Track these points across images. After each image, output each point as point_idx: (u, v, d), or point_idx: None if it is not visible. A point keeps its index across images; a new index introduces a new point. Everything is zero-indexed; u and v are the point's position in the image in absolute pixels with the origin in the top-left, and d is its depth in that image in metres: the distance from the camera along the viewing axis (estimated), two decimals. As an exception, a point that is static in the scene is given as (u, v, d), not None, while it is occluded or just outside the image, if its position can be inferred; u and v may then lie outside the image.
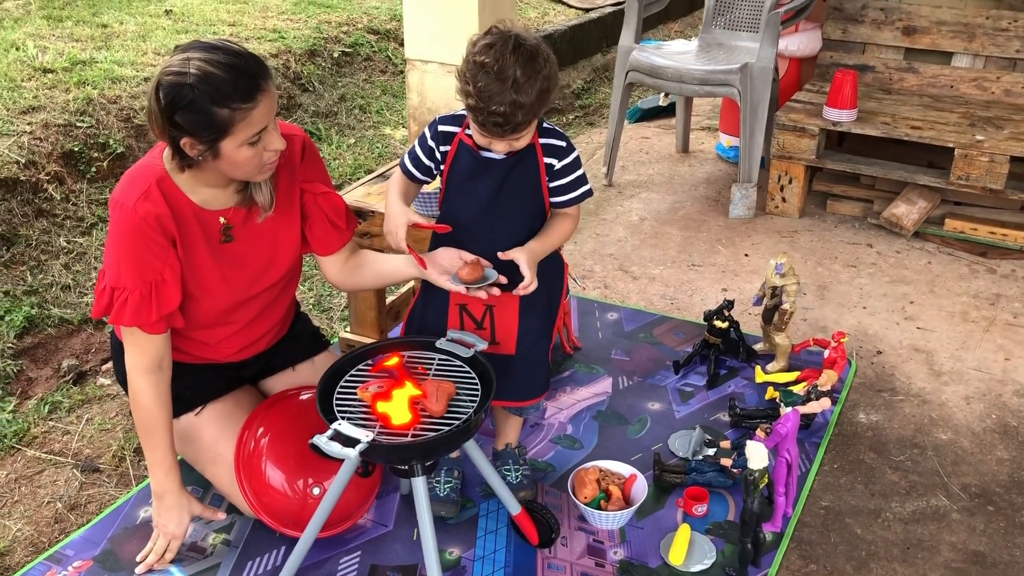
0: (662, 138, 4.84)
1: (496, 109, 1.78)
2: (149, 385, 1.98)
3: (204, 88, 1.74)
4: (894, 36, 4.00)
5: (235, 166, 1.87)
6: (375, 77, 5.36)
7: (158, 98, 1.76)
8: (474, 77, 1.79)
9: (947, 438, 2.53)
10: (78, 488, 2.38)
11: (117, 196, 1.89)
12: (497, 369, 2.01)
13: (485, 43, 1.81)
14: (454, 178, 2.03)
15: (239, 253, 2.04)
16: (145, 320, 1.92)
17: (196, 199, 1.94)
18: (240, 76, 1.77)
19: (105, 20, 5.02)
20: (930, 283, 3.33)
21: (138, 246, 1.88)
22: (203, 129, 1.78)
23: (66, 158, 3.66)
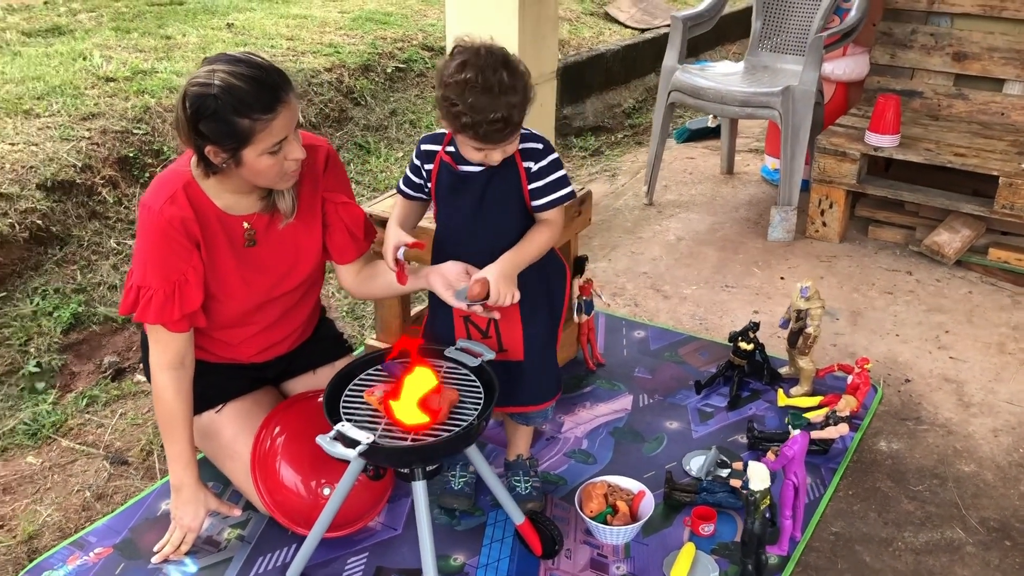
0: (708, 159, 4.83)
1: (494, 118, 1.82)
2: (171, 381, 2.06)
3: (227, 99, 1.82)
4: (944, 62, 3.94)
5: (257, 174, 1.94)
6: (427, 93, 5.45)
7: (184, 107, 1.85)
8: (462, 96, 1.82)
9: (970, 470, 2.48)
10: (106, 478, 2.47)
11: (146, 199, 1.99)
12: (506, 376, 2.07)
13: (458, 63, 1.84)
14: (440, 194, 2.09)
15: (261, 257, 2.11)
16: (168, 318, 2.00)
17: (220, 204, 2.03)
18: (262, 88, 1.85)
19: (169, 32, 5.21)
20: (968, 313, 3.27)
21: (163, 247, 1.97)
22: (225, 138, 1.86)
23: (121, 163, 3.81)
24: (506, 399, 2.08)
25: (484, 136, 1.87)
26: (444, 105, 1.87)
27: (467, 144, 1.94)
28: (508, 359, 2.13)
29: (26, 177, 3.44)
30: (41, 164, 3.52)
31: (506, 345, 2.12)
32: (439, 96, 1.88)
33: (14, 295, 3.15)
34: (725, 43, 7.54)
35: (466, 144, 1.94)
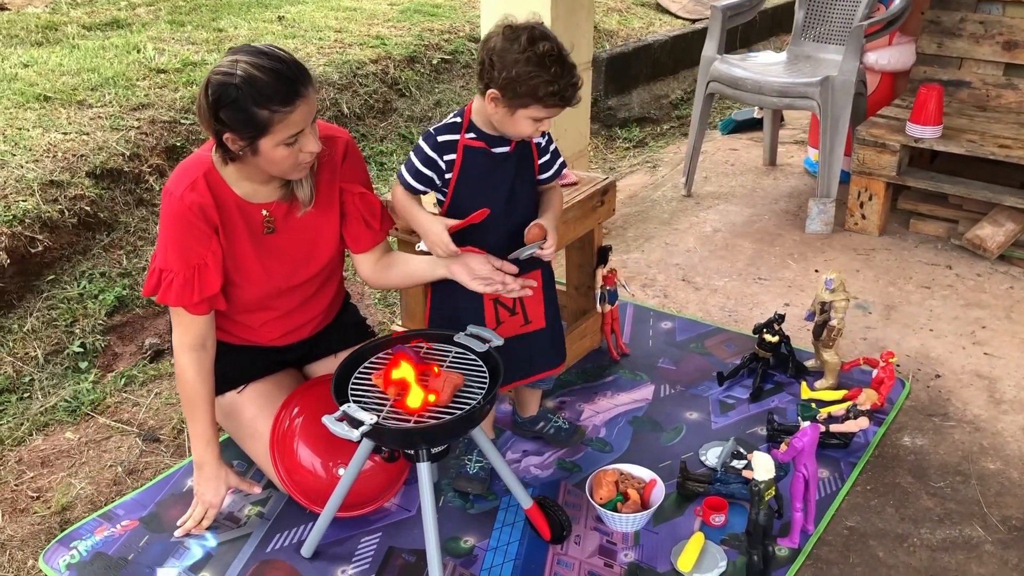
0: (751, 150, 4.78)
1: (575, 82, 1.95)
2: (192, 362, 2.14)
3: (248, 89, 1.88)
4: (993, 51, 3.84)
5: (272, 163, 2.00)
6: (472, 84, 5.49)
7: (206, 94, 1.91)
8: (544, 66, 1.90)
9: (995, 468, 2.43)
10: (138, 455, 2.57)
11: (168, 186, 2.06)
12: (531, 347, 2.21)
13: (525, 38, 1.91)
14: (466, 181, 2.11)
15: (280, 245, 2.17)
16: (188, 301, 2.07)
17: (240, 192, 2.09)
18: (282, 81, 1.90)
19: (222, 25, 5.34)
20: (1008, 308, 3.19)
21: (183, 232, 2.04)
22: (244, 127, 1.92)
23: (168, 152, 3.93)
24: (532, 368, 2.30)
25: (568, 99, 1.95)
26: (522, 80, 1.90)
27: (532, 115, 1.97)
28: (531, 330, 2.24)
29: (76, 165, 3.57)
30: (91, 153, 3.65)
31: (531, 317, 2.23)
32: (511, 75, 1.90)
33: (62, 278, 3.28)
34: (780, 33, 7.43)
35: (528, 117, 1.97)
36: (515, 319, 2.22)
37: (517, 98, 1.94)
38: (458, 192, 2.12)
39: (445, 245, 2.06)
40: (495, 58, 1.93)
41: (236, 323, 2.28)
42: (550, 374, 2.36)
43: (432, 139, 2.08)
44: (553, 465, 2.46)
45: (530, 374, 2.31)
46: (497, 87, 1.94)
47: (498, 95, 1.95)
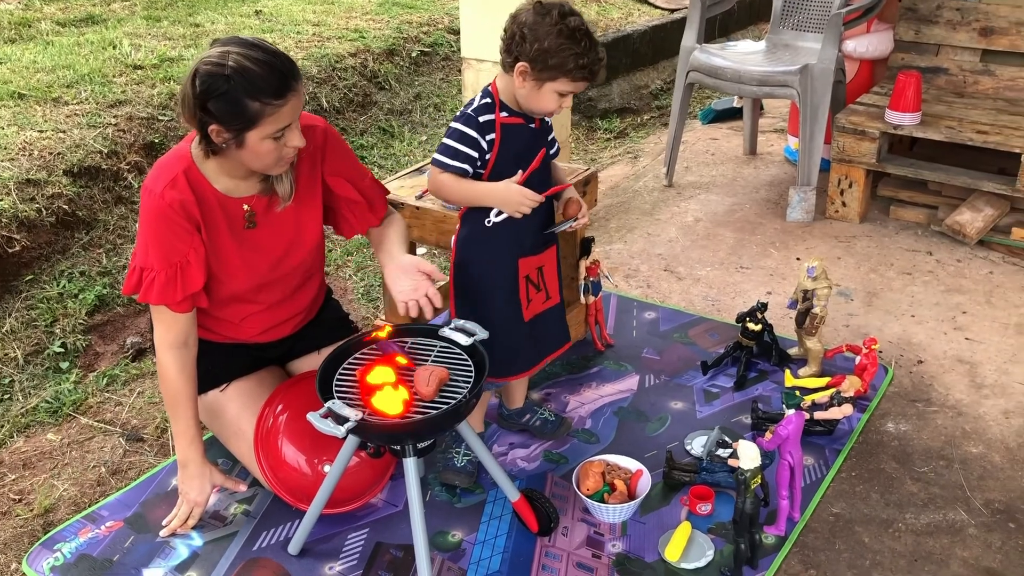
0: (731, 140, 4.79)
1: (603, 56, 2.01)
2: (174, 360, 2.12)
3: (240, 80, 1.86)
4: (970, 37, 3.86)
5: (255, 157, 1.98)
6: (452, 76, 5.47)
7: (193, 85, 1.88)
8: (575, 40, 1.95)
9: (977, 452, 2.45)
10: (122, 455, 2.55)
11: (148, 183, 2.04)
12: (547, 324, 2.30)
13: (557, 13, 1.97)
14: (507, 158, 2.12)
15: (261, 239, 2.16)
16: (171, 299, 2.06)
17: (220, 187, 2.07)
18: (274, 73, 1.89)
19: (199, 20, 5.29)
20: (988, 293, 3.21)
21: (165, 230, 2.02)
22: (233, 119, 1.90)
23: (147, 149, 3.89)
24: (556, 343, 2.38)
25: (595, 73, 2.01)
26: (552, 52, 1.95)
27: (560, 89, 2.01)
28: (551, 306, 2.31)
29: (53, 163, 3.53)
30: (68, 150, 3.61)
31: (550, 292, 2.29)
32: (543, 47, 1.94)
33: (41, 278, 3.25)
34: (759, 22, 7.44)
35: (555, 91, 2.01)
36: (540, 295, 2.28)
37: (547, 70, 1.97)
38: (496, 171, 2.12)
39: (530, 196, 2.10)
40: (526, 31, 1.97)
41: (218, 320, 2.26)
42: (564, 350, 2.42)
43: (474, 120, 2.08)
44: (540, 457, 2.46)
45: (551, 351, 2.38)
46: (527, 59, 1.97)
47: (527, 68, 1.98)
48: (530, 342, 2.29)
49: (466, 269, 2.23)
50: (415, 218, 2.56)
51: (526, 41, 1.96)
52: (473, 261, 2.22)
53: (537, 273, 2.27)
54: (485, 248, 2.19)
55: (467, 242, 2.21)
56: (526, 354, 2.30)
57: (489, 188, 2.11)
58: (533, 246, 2.23)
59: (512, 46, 2.01)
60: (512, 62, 2.01)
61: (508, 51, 2.02)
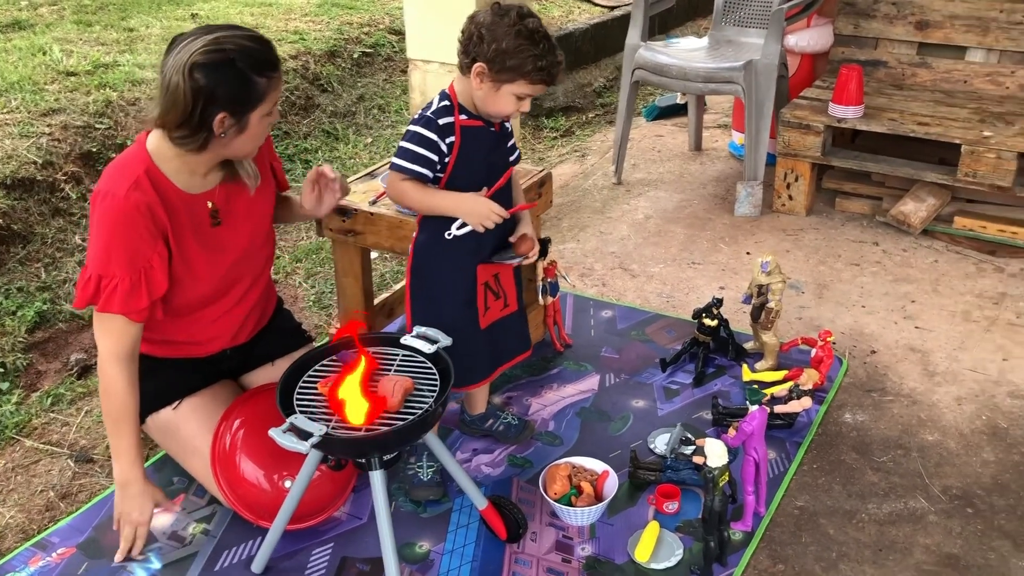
0: (676, 136, 4.82)
1: (561, 59, 1.99)
2: (122, 373, 2.03)
3: (246, 60, 1.87)
4: (907, 31, 3.94)
5: (251, 139, 1.97)
6: (395, 77, 5.42)
7: (193, 80, 1.83)
8: (534, 42, 1.93)
9: (933, 439, 2.50)
10: (71, 477, 2.46)
11: (103, 187, 1.95)
12: (505, 331, 2.29)
13: (514, 14, 1.95)
14: (467, 162, 2.08)
15: (225, 236, 2.12)
16: (134, 307, 1.97)
17: (181, 185, 2.02)
18: (266, 45, 1.93)
19: (132, 24, 5.15)
20: (934, 282, 3.28)
21: (128, 234, 1.94)
22: (242, 100, 1.88)
23: (84, 159, 3.77)
24: (515, 351, 2.35)
25: (554, 76, 1.98)
26: (510, 53, 1.92)
27: (517, 92, 1.98)
28: (508, 313, 2.28)
29: (-15, 176, 3.40)
30: None
31: (509, 300, 2.26)
32: (500, 47, 1.92)
33: (-24, 296, 3.12)
34: (697, 18, 7.51)
35: (513, 93, 1.98)
36: (498, 303, 2.24)
37: (504, 72, 1.94)
38: (455, 174, 2.08)
39: (497, 211, 2.07)
40: (484, 31, 1.94)
41: (171, 331, 2.18)
42: (524, 357, 2.40)
43: (433, 123, 2.04)
44: (504, 462, 2.44)
45: (509, 359, 2.35)
46: (485, 60, 1.94)
47: (485, 69, 1.95)
48: (488, 349, 2.26)
49: (423, 275, 2.20)
50: (370, 224, 2.51)
51: (484, 42, 1.93)
52: (431, 267, 2.19)
53: (495, 280, 2.24)
54: (444, 254, 2.15)
55: (425, 248, 2.18)
56: (483, 362, 2.28)
57: (457, 199, 2.07)
58: (494, 252, 2.20)
59: (469, 47, 1.98)
60: (469, 63, 1.98)
61: (465, 52, 1.99)
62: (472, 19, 1.99)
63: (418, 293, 2.22)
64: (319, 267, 3.55)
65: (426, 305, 2.22)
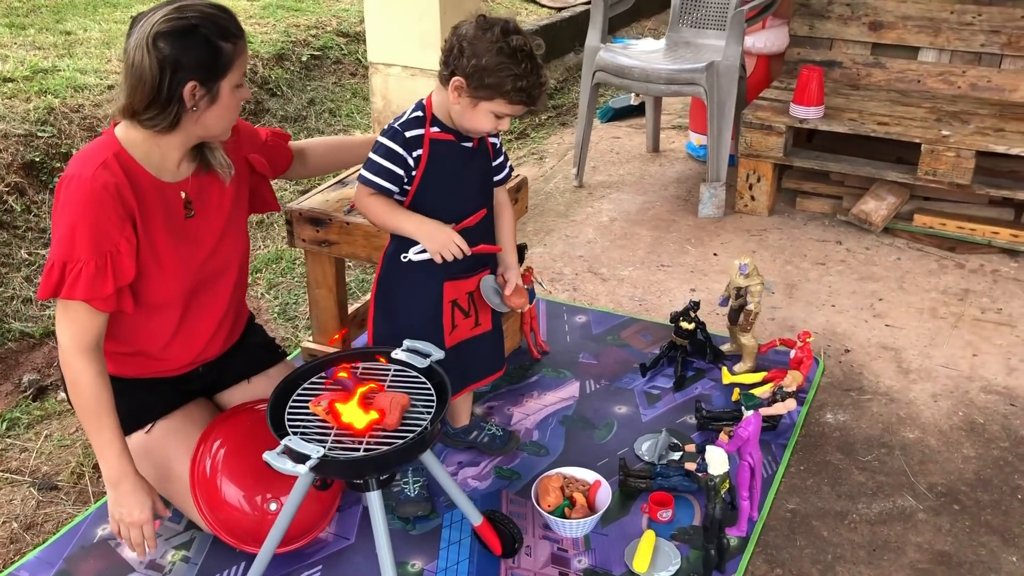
0: (633, 138, 4.82)
1: (543, 81, 1.92)
2: (90, 364, 1.90)
3: (210, 25, 1.84)
4: (860, 31, 4.00)
5: (225, 113, 1.90)
6: (345, 80, 5.32)
7: (158, 50, 1.78)
8: (515, 60, 1.86)
9: (914, 437, 2.52)
10: (35, 507, 2.34)
11: (70, 171, 1.85)
12: (476, 350, 2.20)
13: (499, 29, 1.87)
14: (434, 177, 2.01)
15: (197, 229, 2.03)
16: (99, 293, 1.85)
17: (153, 172, 1.93)
18: (228, 13, 1.90)
19: (69, 27, 4.96)
20: (899, 279, 3.32)
21: (95, 215, 1.83)
22: (210, 67, 1.84)
23: (27, 169, 3.61)
24: (479, 372, 2.28)
25: (535, 98, 1.91)
26: (490, 70, 1.85)
27: (495, 110, 1.92)
28: (479, 332, 2.21)
29: (-77, 189, 3.23)
30: (-62, 174, 3.31)
31: (480, 319, 2.19)
32: (480, 64, 1.85)
33: (-82, 316, 2.96)
34: (641, 19, 7.54)
35: (491, 111, 1.92)
36: (468, 321, 2.17)
37: (482, 88, 1.87)
38: (422, 189, 2.01)
39: (460, 244, 2.00)
40: (465, 44, 1.87)
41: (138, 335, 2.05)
42: (494, 377, 2.33)
43: (399, 135, 1.97)
44: (491, 474, 2.38)
45: (477, 379, 2.29)
46: (463, 75, 1.88)
47: (463, 84, 1.89)
48: (454, 367, 2.13)
49: (388, 287, 2.14)
50: (345, 233, 2.44)
51: (464, 55, 1.87)
52: (396, 279, 2.13)
53: (467, 298, 2.16)
54: (409, 267, 2.08)
55: (393, 259, 2.12)
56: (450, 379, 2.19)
57: (418, 223, 2.01)
58: (463, 269, 2.11)
59: (450, 59, 1.91)
60: (448, 76, 1.92)
61: (445, 64, 1.93)
62: (455, 30, 1.92)
63: (380, 306, 2.17)
64: (280, 277, 3.45)
65: (388, 317, 2.16)
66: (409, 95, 3.87)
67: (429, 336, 2.02)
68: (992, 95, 3.83)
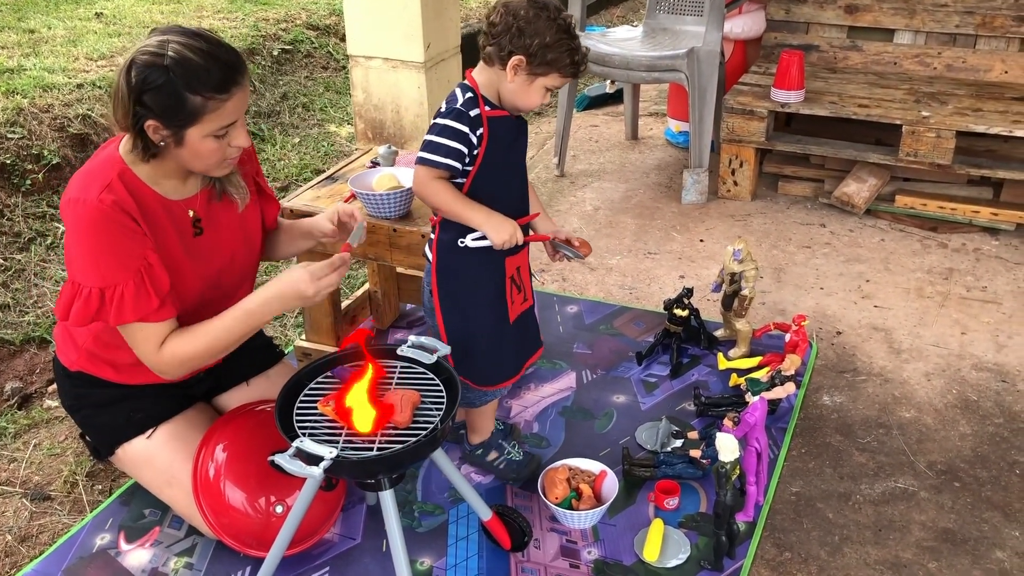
0: (611, 125, 4.81)
1: (587, 51, 2.00)
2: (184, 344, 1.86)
3: (180, 71, 1.70)
4: (837, 15, 4.01)
5: (196, 156, 1.81)
6: (317, 74, 5.25)
7: (128, 77, 1.71)
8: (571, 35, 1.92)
9: (911, 416, 2.54)
10: (28, 518, 2.28)
11: (72, 194, 1.79)
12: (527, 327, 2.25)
13: (554, 7, 1.92)
14: (496, 153, 2.01)
15: (206, 247, 1.97)
16: (147, 308, 1.81)
17: (160, 191, 1.87)
18: (217, 65, 1.74)
19: (32, 25, 4.84)
20: (884, 260, 3.35)
21: (113, 236, 1.78)
22: (172, 113, 1.73)
23: (-2, 171, 3.52)
24: (534, 345, 2.29)
25: (581, 72, 2.00)
26: (552, 47, 1.89)
27: (549, 84, 1.96)
28: (527, 307, 2.23)
29: None
30: (-93, 179, 3.21)
31: (527, 295, 2.22)
32: (544, 41, 1.89)
33: None
34: (610, 7, 7.53)
35: (545, 85, 1.96)
36: (520, 296, 2.19)
37: (543, 65, 1.91)
38: (484, 167, 1.99)
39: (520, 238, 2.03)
40: (524, 24, 1.89)
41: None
42: (539, 353, 2.33)
43: (464, 115, 1.95)
44: (494, 469, 2.37)
45: (530, 353, 2.29)
46: (525, 53, 1.89)
47: (522, 62, 1.90)
48: (515, 345, 2.20)
49: (451, 275, 2.10)
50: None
51: (524, 35, 1.88)
52: (456, 265, 2.10)
53: (518, 273, 2.18)
54: (467, 251, 2.06)
55: (449, 246, 2.08)
56: (511, 358, 2.21)
57: (487, 215, 2.00)
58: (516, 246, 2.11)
59: (505, 40, 1.90)
60: (505, 56, 1.91)
61: (499, 45, 1.91)
62: (509, 11, 1.91)
63: (447, 295, 2.12)
64: (263, 275, 3.40)
65: (458, 306, 2.12)
66: (391, 88, 3.82)
67: (498, 314, 2.12)
68: (968, 75, 3.87)
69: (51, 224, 3.53)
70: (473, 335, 2.12)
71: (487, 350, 2.11)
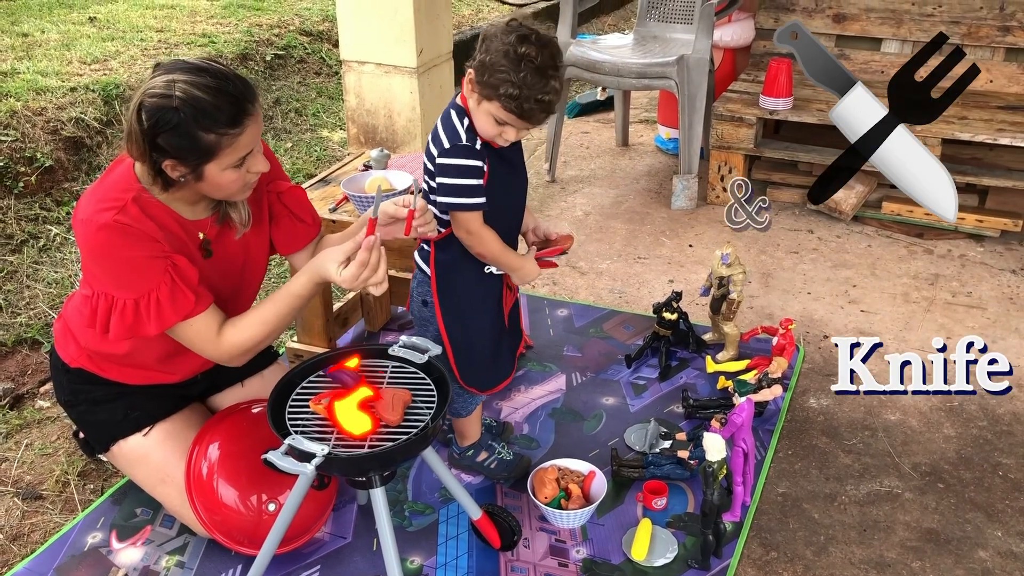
0: (601, 132, 4.85)
1: (540, 98, 1.84)
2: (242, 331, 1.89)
3: (190, 112, 1.69)
4: (825, 24, 4.06)
5: (218, 188, 1.82)
6: (309, 79, 5.28)
7: (140, 119, 1.70)
8: (516, 67, 1.81)
9: (896, 419, 2.58)
10: (20, 517, 2.29)
11: (86, 214, 1.79)
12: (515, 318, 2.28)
13: (517, 35, 1.83)
14: (497, 179, 1.99)
15: (217, 269, 1.98)
16: (185, 304, 1.82)
17: (176, 210, 1.88)
18: (227, 100, 1.72)
19: (25, 29, 4.85)
20: (871, 266, 3.39)
21: (132, 247, 1.78)
22: (188, 153, 1.73)
23: (-9, 174, 3.53)
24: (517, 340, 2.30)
25: (525, 113, 1.85)
26: (491, 69, 1.82)
27: (493, 116, 1.88)
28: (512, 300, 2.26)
29: None
30: (-100, 181, 3.22)
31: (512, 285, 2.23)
32: (486, 60, 1.83)
33: None
34: (600, 15, 7.58)
35: (491, 116, 1.88)
36: (510, 293, 2.22)
37: (482, 85, 1.86)
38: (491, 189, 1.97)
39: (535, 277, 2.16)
40: (485, 38, 1.88)
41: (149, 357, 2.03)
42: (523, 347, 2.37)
43: (472, 150, 1.93)
44: (484, 469, 2.39)
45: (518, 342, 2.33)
46: (473, 67, 1.88)
47: (472, 77, 1.89)
48: (509, 341, 2.24)
49: (452, 290, 2.12)
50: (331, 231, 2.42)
51: (479, 49, 1.87)
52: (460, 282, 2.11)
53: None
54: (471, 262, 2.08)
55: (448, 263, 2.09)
56: (507, 357, 2.24)
57: (521, 261, 2.10)
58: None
59: (471, 51, 1.92)
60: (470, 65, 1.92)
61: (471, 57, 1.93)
62: (490, 25, 1.92)
63: (448, 306, 2.12)
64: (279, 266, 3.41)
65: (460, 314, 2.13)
66: (383, 92, 3.85)
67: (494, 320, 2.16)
68: (953, 84, 3.91)
69: (43, 227, 3.54)
70: (474, 343, 2.15)
71: (488, 355, 2.14)
